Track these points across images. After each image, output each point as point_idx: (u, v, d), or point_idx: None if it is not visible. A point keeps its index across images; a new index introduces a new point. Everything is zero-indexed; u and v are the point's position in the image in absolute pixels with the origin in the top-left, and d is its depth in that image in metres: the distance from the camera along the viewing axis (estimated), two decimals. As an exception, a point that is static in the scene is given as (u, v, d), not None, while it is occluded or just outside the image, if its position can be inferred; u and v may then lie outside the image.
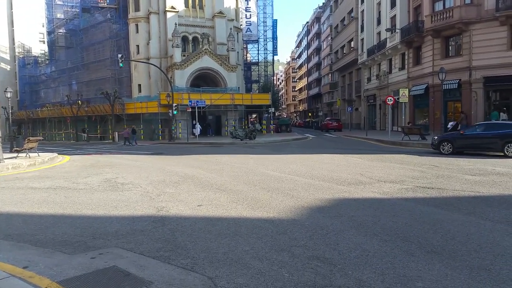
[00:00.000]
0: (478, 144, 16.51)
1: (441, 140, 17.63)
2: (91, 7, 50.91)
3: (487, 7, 26.39)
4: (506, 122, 17.85)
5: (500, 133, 15.66)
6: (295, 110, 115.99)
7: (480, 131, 16.69)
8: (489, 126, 16.92)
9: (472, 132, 17.03)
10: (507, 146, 15.26)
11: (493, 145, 15.86)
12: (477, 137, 16.54)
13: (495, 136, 15.75)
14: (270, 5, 62.53)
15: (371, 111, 45.08)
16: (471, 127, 18.02)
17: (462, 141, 16.83)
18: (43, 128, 55.75)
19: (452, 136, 17.58)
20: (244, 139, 30.39)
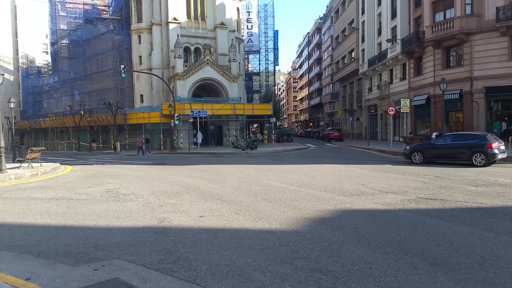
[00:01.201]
0: (448, 154, 17.22)
1: (412, 150, 18.35)
2: (94, 18, 51.38)
3: (487, 18, 26.52)
4: (473, 133, 18.72)
5: (468, 143, 16.44)
6: (296, 120, 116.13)
7: (450, 142, 17.42)
8: (458, 137, 17.71)
9: (442, 142, 17.70)
10: (475, 156, 15.97)
11: (462, 154, 16.53)
12: (447, 147, 17.25)
13: (463, 146, 16.51)
14: (271, 16, 62.95)
15: (373, 121, 45.11)
16: (441, 138, 18.65)
17: (433, 151, 17.56)
18: (46, 137, 55.91)
19: (423, 146, 18.36)
20: (246, 149, 30.39)
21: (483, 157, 15.78)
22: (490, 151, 15.75)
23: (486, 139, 16.20)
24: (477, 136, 17.01)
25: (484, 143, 15.98)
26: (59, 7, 55.52)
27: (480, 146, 16.00)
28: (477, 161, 15.89)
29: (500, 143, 16.37)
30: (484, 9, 26.67)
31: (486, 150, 15.78)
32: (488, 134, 17.56)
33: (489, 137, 16.50)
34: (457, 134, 18.68)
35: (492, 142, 15.97)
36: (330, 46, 67.11)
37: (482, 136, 16.87)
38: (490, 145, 15.79)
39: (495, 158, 15.93)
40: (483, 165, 15.70)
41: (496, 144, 15.98)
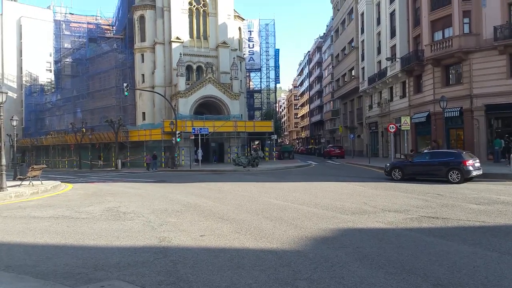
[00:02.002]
0: (426, 171, 17.67)
1: (392, 167, 18.90)
2: (98, 37, 52.11)
3: (485, 37, 26.81)
4: (450, 151, 19.10)
5: (444, 161, 16.95)
6: (298, 137, 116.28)
7: (427, 159, 17.95)
8: (435, 154, 18.20)
9: (420, 159, 18.34)
10: (451, 172, 16.40)
11: (438, 171, 16.98)
12: (425, 164, 17.77)
13: (440, 163, 17.01)
14: (272, 35, 63.74)
15: (373, 138, 45.15)
16: (420, 155, 19.29)
17: (411, 168, 18.09)
18: (47, 155, 56.00)
19: (403, 164, 18.95)
20: (247, 166, 30.37)
21: (458, 174, 16.19)
22: (465, 168, 16.14)
23: (461, 157, 16.65)
24: (453, 153, 17.47)
25: (459, 161, 16.43)
26: (63, 26, 56.42)
27: (455, 163, 16.45)
28: (452, 178, 16.29)
29: (475, 161, 16.81)
30: (482, 28, 26.99)
31: (461, 167, 16.20)
32: (463, 152, 18.01)
33: (464, 154, 16.93)
34: (434, 152, 19.18)
35: (467, 159, 16.40)
36: (330, 64, 67.69)
37: (457, 153, 17.28)
38: (464, 163, 16.22)
39: (470, 175, 16.26)
40: (458, 182, 16.07)
41: (471, 162, 16.39)
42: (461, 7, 27.59)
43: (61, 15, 57.45)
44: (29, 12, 76.67)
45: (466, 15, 27.70)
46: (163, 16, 43.43)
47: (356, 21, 48.38)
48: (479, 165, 16.98)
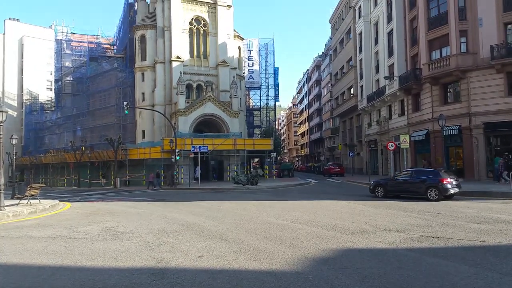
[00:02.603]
0: (406, 188, 18.20)
1: (375, 185, 19.51)
2: (99, 56, 52.65)
3: (482, 56, 27.10)
4: (429, 169, 19.51)
5: (423, 179, 17.47)
6: (297, 155, 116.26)
7: (407, 177, 18.51)
8: (415, 172, 18.70)
9: (401, 177, 18.96)
10: (429, 190, 16.84)
11: (418, 189, 17.44)
12: (405, 182, 18.32)
13: (419, 181, 17.53)
14: (271, 54, 64.41)
15: (373, 156, 45.14)
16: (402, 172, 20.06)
17: (393, 186, 18.67)
18: (46, 173, 55.85)
19: (385, 181, 19.47)
20: (246, 184, 30.28)
21: (437, 192, 16.61)
22: (443, 186, 16.58)
23: (439, 175, 17.06)
24: (431, 172, 17.86)
25: (437, 179, 16.85)
26: (64, 45, 57.06)
27: (433, 181, 16.88)
28: (431, 196, 16.71)
29: (453, 179, 17.21)
30: (479, 47, 27.32)
31: (439, 185, 16.62)
32: (442, 170, 18.40)
33: (442, 173, 17.35)
34: (414, 170, 19.72)
35: (445, 177, 16.86)
36: (329, 83, 68.23)
37: (435, 172, 17.67)
38: (442, 180, 16.67)
39: (447, 192, 16.65)
40: (437, 200, 16.44)
41: (449, 180, 16.84)
42: (458, 27, 27.98)
43: (63, 35, 58.17)
44: (31, 31, 77.66)
45: (463, 34, 28.09)
46: (164, 35, 43.98)
47: (354, 40, 48.98)
48: (457, 183, 17.40)
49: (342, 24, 55.63)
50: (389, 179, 19.69)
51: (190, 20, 44.90)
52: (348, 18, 51.53)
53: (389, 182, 19.08)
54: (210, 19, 45.76)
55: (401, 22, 35.74)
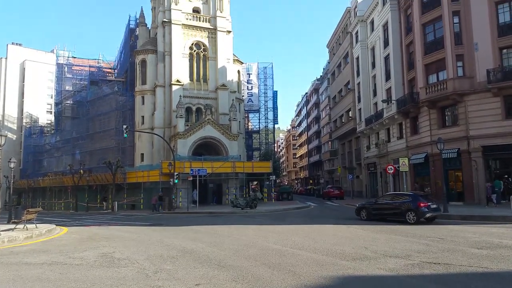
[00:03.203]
0: (387, 211, 18.78)
1: (360, 208, 20.30)
2: (99, 80, 53.13)
3: (479, 79, 27.40)
4: (408, 193, 20.51)
5: (401, 202, 18.12)
6: (296, 177, 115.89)
7: (388, 200, 19.28)
8: (395, 196, 19.59)
9: (382, 201, 19.65)
10: (408, 214, 17.43)
11: (398, 212, 18.06)
12: (386, 205, 18.99)
13: (398, 204, 18.17)
14: (270, 78, 65.11)
15: (372, 179, 45.00)
16: (383, 196, 20.93)
17: (375, 209, 19.32)
18: (43, 197, 55.47)
19: (369, 204, 20.10)
20: (245, 208, 30.04)
21: (414, 215, 17.18)
22: (420, 209, 17.15)
23: (417, 199, 17.69)
24: (409, 195, 18.58)
25: (415, 203, 17.45)
26: (65, 69, 57.71)
27: (411, 205, 17.51)
28: (409, 218, 17.29)
29: (430, 202, 17.71)
30: (475, 71, 27.66)
31: (416, 208, 17.20)
32: (420, 193, 19.43)
33: (420, 197, 18.00)
34: (394, 194, 20.81)
35: (422, 201, 17.41)
36: (327, 106, 68.66)
37: (413, 195, 18.40)
38: (419, 204, 17.25)
39: (424, 216, 17.25)
40: (414, 223, 16.95)
41: (426, 204, 17.34)
42: (454, 51, 28.41)
43: (64, 59, 58.88)
44: (33, 55, 78.74)
45: (459, 58, 28.49)
46: (164, 60, 44.51)
47: (351, 64, 49.59)
48: (436, 207, 17.90)
49: (339, 49, 56.44)
50: (373, 203, 20.20)
51: (191, 45, 45.54)
52: (346, 43, 52.33)
53: (372, 206, 19.70)
54: (210, 44, 46.44)
55: (398, 47, 36.27)
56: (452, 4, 28.84)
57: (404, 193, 20.43)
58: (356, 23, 46.43)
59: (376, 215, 19.06)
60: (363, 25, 45.33)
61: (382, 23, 39.33)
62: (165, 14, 44.86)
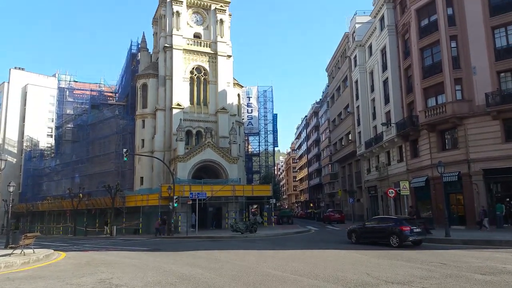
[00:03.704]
0: (374, 235, 19.45)
1: (350, 231, 21.09)
2: (100, 104, 53.53)
3: (478, 103, 27.57)
4: (391, 217, 21.30)
5: (386, 226, 18.70)
6: (297, 200, 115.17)
7: (374, 224, 19.92)
8: (381, 220, 20.26)
9: (370, 225, 20.31)
10: (391, 237, 18.00)
11: (383, 236, 18.65)
12: (373, 229, 19.67)
13: (383, 228, 18.78)
14: (270, 101, 65.68)
15: (373, 202, 44.71)
16: (370, 220, 21.84)
17: (363, 233, 20.02)
18: (42, 221, 55.01)
19: (358, 228, 20.74)
20: (245, 232, 29.71)
21: (397, 239, 17.73)
22: (402, 233, 17.68)
23: (399, 223, 18.23)
24: (393, 219, 19.25)
25: (397, 226, 18.03)
26: (67, 93, 58.22)
27: (394, 229, 18.07)
28: (393, 242, 17.83)
29: (414, 226, 18.09)
30: (474, 95, 27.88)
31: (399, 232, 17.76)
32: (405, 217, 20.03)
33: (403, 221, 18.49)
34: (380, 218, 21.55)
35: (405, 225, 17.89)
36: (327, 129, 68.93)
37: (397, 219, 19.03)
38: (402, 228, 17.78)
39: (407, 240, 17.70)
40: (398, 246, 17.45)
41: (409, 227, 17.80)
42: (452, 75, 28.70)
43: (65, 83, 59.51)
44: (34, 79, 79.61)
45: (458, 82, 28.75)
46: (165, 84, 44.96)
47: (350, 88, 50.05)
48: (420, 231, 18.31)
49: (338, 73, 57.08)
50: (361, 226, 20.78)
51: (191, 69, 46.10)
52: (344, 67, 52.98)
53: (360, 229, 20.33)
54: (211, 68, 47.01)
55: (396, 71, 36.66)
56: (450, 29, 29.32)
57: (388, 217, 21.26)
58: (355, 48, 47.13)
59: (365, 238, 19.71)
60: (361, 49, 46.00)
61: (380, 47, 39.90)
62: (167, 39, 45.62)
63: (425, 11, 31.64)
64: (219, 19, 48.14)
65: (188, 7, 47.54)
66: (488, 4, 28.24)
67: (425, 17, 31.79)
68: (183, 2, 46.63)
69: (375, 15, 40.79)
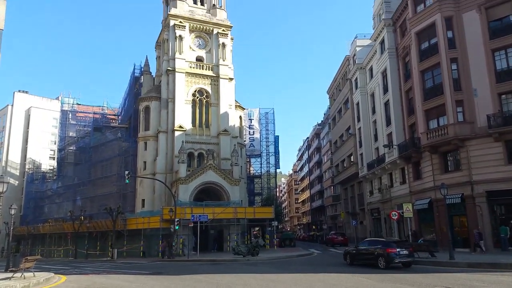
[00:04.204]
0: (365, 256, 20.20)
1: (345, 253, 22.15)
2: (103, 127, 53.83)
3: (479, 124, 27.58)
4: (380, 239, 22.12)
5: (375, 248, 19.56)
6: (299, 223, 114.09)
7: (366, 246, 20.70)
8: (371, 242, 21.15)
9: (361, 246, 21.20)
10: (379, 259, 18.81)
11: (372, 257, 19.47)
12: (364, 251, 20.44)
13: (373, 250, 19.61)
14: (272, 123, 65.87)
15: (377, 225, 44.26)
16: (361, 242, 22.77)
17: (356, 254, 20.99)
18: (43, 243, 54.61)
19: (351, 250, 21.78)
20: (247, 255, 29.38)
21: (384, 261, 18.49)
22: (389, 255, 18.41)
23: (387, 245, 19.01)
24: (381, 242, 20.05)
25: (384, 249, 18.82)
26: (70, 116, 58.68)
27: (382, 251, 18.88)
28: (380, 264, 18.61)
29: (401, 249, 18.73)
30: (475, 116, 27.92)
31: (386, 254, 18.51)
32: (393, 240, 20.99)
33: (390, 243, 19.23)
34: (371, 240, 22.61)
35: (391, 248, 18.65)
36: (329, 150, 68.90)
37: (384, 242, 19.82)
38: (388, 250, 18.54)
39: (393, 261, 18.38)
40: (385, 268, 18.20)
41: (395, 250, 18.50)
42: (454, 97, 28.74)
43: (69, 106, 60.08)
44: (38, 102, 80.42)
45: (459, 104, 28.77)
46: (168, 106, 45.31)
47: (352, 110, 50.28)
48: (407, 253, 18.91)
49: (339, 95, 57.47)
50: (354, 248, 21.84)
51: (194, 92, 46.52)
52: (345, 89, 53.37)
53: (354, 251, 21.35)
54: (213, 91, 47.46)
55: (397, 93, 36.84)
56: (450, 52, 29.55)
57: (377, 240, 22.08)
58: (355, 70, 47.60)
59: (358, 260, 20.62)
60: (362, 72, 46.44)
61: (381, 70, 40.29)
62: (170, 63, 46.23)
63: (425, 34, 32.00)
64: (221, 43, 48.88)
65: (191, 32, 48.36)
66: (488, 27, 28.60)
67: (425, 40, 32.15)
68: (186, 26, 47.48)
69: (375, 38, 41.38)
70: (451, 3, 30.19)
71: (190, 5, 49.62)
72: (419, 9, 32.92)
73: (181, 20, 47.12)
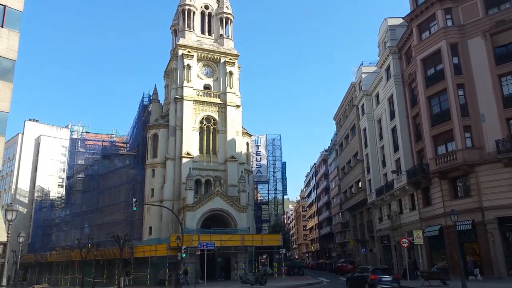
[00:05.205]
0: (358, 281, 21.98)
1: (346, 279, 25.02)
2: (112, 154, 54.29)
3: (488, 150, 27.43)
4: (368, 267, 24.62)
5: (363, 275, 21.38)
6: (307, 250, 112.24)
7: (359, 273, 22.69)
8: (363, 269, 23.26)
9: (357, 273, 23.18)
10: (365, 285, 20.53)
11: (362, 283, 21.13)
12: (358, 277, 22.38)
13: (361, 278, 21.43)
14: (279, 149, 65.95)
15: (387, 252, 43.42)
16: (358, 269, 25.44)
17: (353, 280, 23.20)
18: (50, 272, 54.27)
19: (352, 277, 24.03)
20: (255, 284, 29.01)
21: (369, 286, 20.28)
22: (372, 281, 20.22)
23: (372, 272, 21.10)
24: (368, 269, 22.31)
25: (368, 275, 20.85)
26: (79, 144, 59.34)
27: (367, 277, 20.74)
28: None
29: (384, 276, 20.67)
30: (484, 142, 27.83)
31: (370, 281, 20.36)
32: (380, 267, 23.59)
33: (376, 270, 21.55)
34: (363, 267, 25.18)
35: (374, 275, 20.58)
36: (336, 176, 68.47)
37: (371, 269, 22.02)
38: (371, 277, 20.38)
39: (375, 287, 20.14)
40: None
41: (377, 277, 20.30)
42: (461, 123, 28.69)
43: (78, 134, 60.81)
44: (48, 131, 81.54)
45: (467, 129, 28.70)
46: (175, 134, 45.77)
47: (359, 136, 50.31)
48: (390, 279, 20.67)
49: (346, 121, 57.65)
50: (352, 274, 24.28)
51: (201, 119, 47.03)
52: (352, 116, 53.57)
53: (351, 277, 23.86)
54: (220, 118, 47.93)
55: (404, 119, 36.88)
56: (456, 78, 29.69)
57: (367, 267, 24.51)
58: (362, 97, 47.90)
59: (353, 285, 22.74)
60: (368, 98, 46.73)
61: (387, 96, 40.52)
62: (178, 91, 46.98)
63: (431, 61, 32.27)
64: (228, 71, 49.69)
65: (199, 61, 49.30)
66: (493, 53, 28.86)
67: (431, 67, 32.40)
68: (193, 56, 48.46)
69: (381, 65, 41.85)
70: (456, 30, 30.59)
71: (198, 35, 50.78)
72: (424, 36, 33.33)
73: (189, 50, 48.16)
